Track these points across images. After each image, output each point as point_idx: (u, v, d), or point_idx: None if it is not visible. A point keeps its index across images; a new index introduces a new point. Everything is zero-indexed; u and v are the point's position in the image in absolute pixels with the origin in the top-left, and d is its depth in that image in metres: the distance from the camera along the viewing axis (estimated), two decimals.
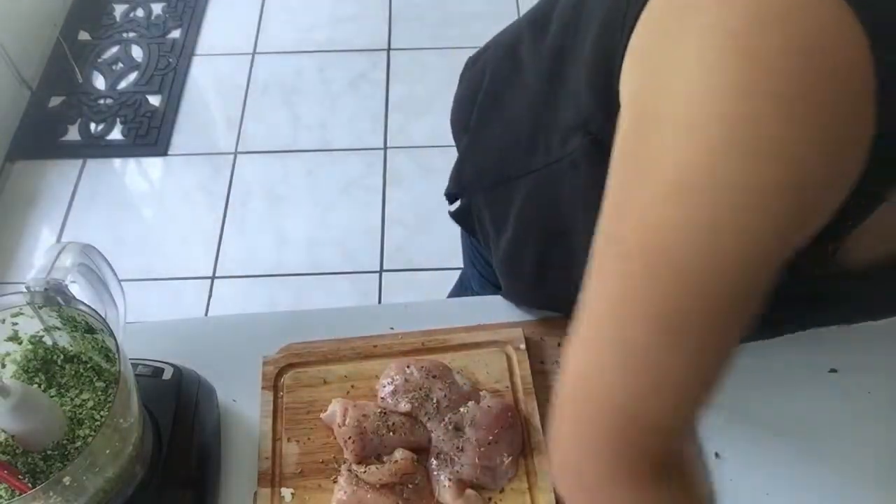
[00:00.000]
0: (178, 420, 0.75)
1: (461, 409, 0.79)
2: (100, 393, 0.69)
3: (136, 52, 2.58)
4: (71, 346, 0.72)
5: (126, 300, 0.78)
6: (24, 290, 0.67)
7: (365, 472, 0.75)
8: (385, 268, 2.04)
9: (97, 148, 2.34)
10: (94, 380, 0.70)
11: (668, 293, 0.43)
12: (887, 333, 0.90)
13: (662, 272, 0.43)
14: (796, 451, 0.81)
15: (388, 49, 2.52)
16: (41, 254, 0.71)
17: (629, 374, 0.45)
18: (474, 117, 0.84)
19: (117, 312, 0.77)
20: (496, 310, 0.91)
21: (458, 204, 0.90)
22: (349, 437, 0.78)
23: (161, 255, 2.12)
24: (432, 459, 0.78)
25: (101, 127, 2.38)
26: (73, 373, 0.70)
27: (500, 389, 0.83)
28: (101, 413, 0.67)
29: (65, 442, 0.65)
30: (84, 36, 2.63)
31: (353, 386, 0.85)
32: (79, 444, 0.65)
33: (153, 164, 2.32)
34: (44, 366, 0.70)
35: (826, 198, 0.42)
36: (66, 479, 0.59)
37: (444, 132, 0.94)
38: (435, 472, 0.77)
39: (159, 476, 0.71)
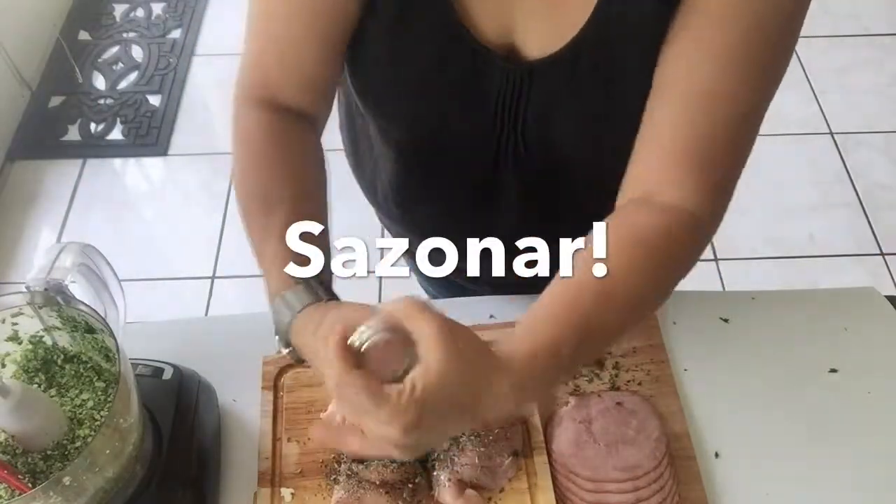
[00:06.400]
0: (178, 420, 0.75)
1: None
2: (100, 393, 0.69)
3: (136, 52, 2.58)
4: (71, 346, 0.72)
5: (126, 300, 0.78)
6: (24, 290, 0.67)
7: (365, 467, 0.75)
8: None
9: (97, 148, 2.34)
10: (94, 380, 0.70)
11: None
12: (887, 333, 0.90)
13: None
14: (796, 451, 0.81)
15: None
16: (41, 254, 0.71)
17: (251, 35, 0.75)
18: None
19: (117, 312, 0.77)
20: (496, 310, 0.91)
21: None
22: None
23: (161, 255, 2.12)
24: (432, 459, 0.78)
25: (101, 127, 2.38)
26: (73, 373, 0.70)
27: None
28: (101, 413, 0.67)
29: (65, 442, 0.65)
30: (84, 36, 2.62)
31: None
32: (79, 444, 0.65)
33: (153, 164, 2.32)
34: (44, 366, 0.70)
35: None
36: (66, 479, 0.59)
37: None
38: (435, 472, 0.77)
39: (159, 476, 0.71)
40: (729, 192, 0.68)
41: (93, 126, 2.38)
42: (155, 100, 2.44)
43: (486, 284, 0.98)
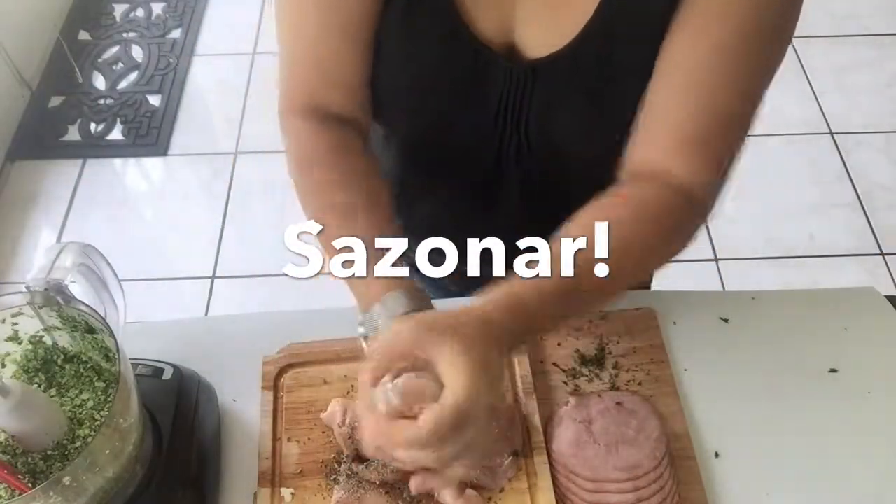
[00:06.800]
0: (178, 420, 0.75)
1: None
2: (100, 393, 0.69)
3: (136, 52, 2.58)
4: (71, 346, 0.72)
5: (126, 300, 0.78)
6: (24, 290, 0.67)
7: (365, 467, 0.75)
8: None
9: (97, 148, 2.34)
10: (94, 380, 0.70)
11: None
12: (887, 333, 0.90)
13: None
14: (796, 451, 0.81)
15: None
16: (41, 254, 0.71)
17: (288, 47, 0.76)
18: None
19: (117, 312, 0.77)
20: None
21: None
22: (349, 437, 0.78)
23: (161, 255, 2.12)
24: None
25: (101, 127, 2.38)
26: (73, 373, 0.70)
27: None
28: (101, 413, 0.67)
29: (65, 442, 0.65)
30: (84, 36, 2.63)
31: (353, 386, 0.84)
32: (79, 444, 0.65)
33: (153, 164, 2.32)
34: (44, 366, 0.70)
35: None
36: (66, 479, 0.59)
37: None
38: None
39: (159, 476, 0.71)
40: (727, 172, 0.73)
41: (93, 126, 2.38)
42: (155, 100, 2.44)
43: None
